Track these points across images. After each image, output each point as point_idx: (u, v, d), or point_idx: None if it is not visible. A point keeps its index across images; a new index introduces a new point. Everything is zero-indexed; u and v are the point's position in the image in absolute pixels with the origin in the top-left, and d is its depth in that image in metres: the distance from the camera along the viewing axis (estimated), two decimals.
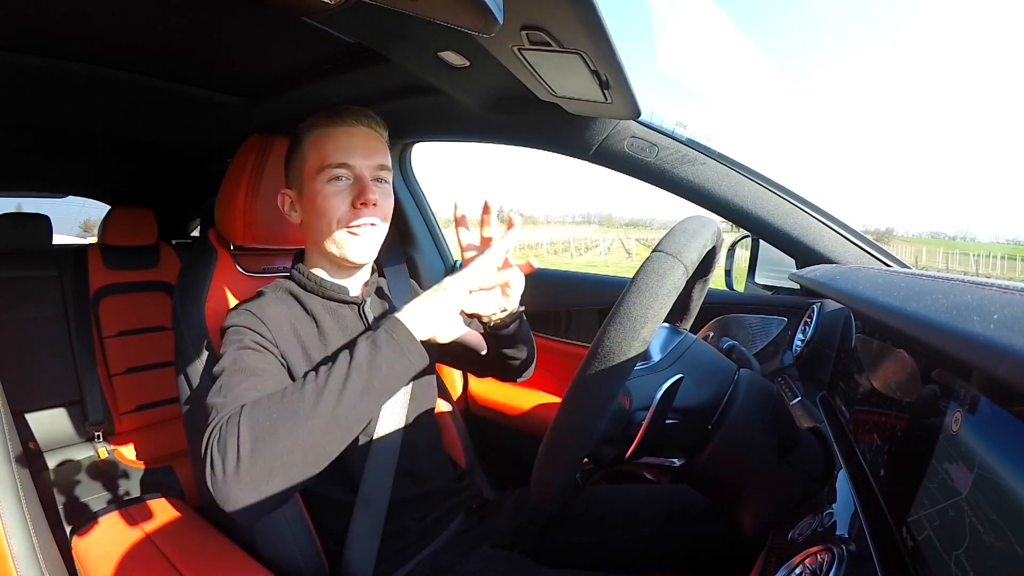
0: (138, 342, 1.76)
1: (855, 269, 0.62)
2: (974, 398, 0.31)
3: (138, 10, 0.74)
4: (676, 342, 0.57)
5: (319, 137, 0.73)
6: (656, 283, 0.43)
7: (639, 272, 0.46)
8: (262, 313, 0.70)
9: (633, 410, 0.51)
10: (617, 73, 0.67)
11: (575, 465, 0.45)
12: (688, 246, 0.47)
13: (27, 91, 1.04)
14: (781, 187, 0.92)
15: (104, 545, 0.77)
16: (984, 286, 0.32)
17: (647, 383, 0.52)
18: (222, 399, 0.58)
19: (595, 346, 0.43)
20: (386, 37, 0.70)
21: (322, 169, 0.71)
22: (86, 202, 2.17)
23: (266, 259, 0.96)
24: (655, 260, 0.45)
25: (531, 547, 0.82)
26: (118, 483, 1.50)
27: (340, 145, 0.72)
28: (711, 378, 0.55)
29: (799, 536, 0.47)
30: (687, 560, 0.76)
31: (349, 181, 0.73)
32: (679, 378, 0.50)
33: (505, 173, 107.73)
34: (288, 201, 0.77)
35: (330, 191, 0.72)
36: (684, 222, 0.51)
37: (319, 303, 0.77)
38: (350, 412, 0.55)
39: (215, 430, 0.55)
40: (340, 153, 0.72)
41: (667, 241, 0.47)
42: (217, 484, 0.52)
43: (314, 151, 0.73)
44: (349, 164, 0.72)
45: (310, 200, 0.73)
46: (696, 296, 0.69)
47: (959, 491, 0.30)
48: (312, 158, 0.73)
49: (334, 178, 0.72)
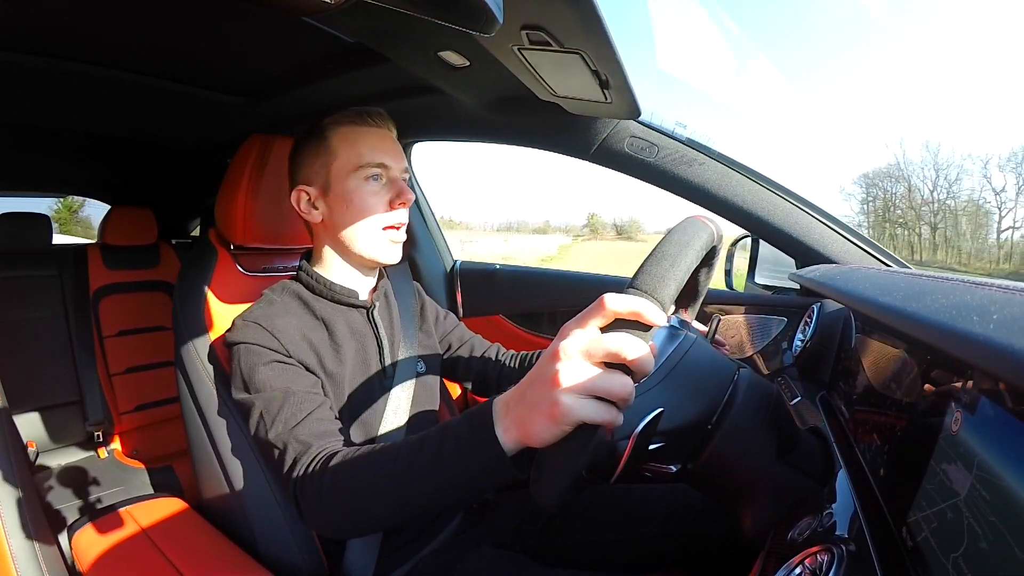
0: (138, 342, 1.76)
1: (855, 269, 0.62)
2: (974, 398, 0.31)
3: (138, 10, 0.74)
4: (671, 351, 0.55)
5: (349, 135, 0.73)
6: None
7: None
8: (272, 326, 0.69)
9: (616, 439, 0.50)
10: (617, 73, 0.67)
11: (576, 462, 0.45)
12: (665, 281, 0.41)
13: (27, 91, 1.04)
14: (781, 187, 0.92)
15: (104, 545, 0.77)
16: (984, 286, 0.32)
17: (631, 409, 0.50)
18: (280, 436, 0.62)
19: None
20: (386, 37, 0.70)
21: (359, 168, 0.72)
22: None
23: (266, 259, 0.96)
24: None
25: (531, 547, 0.82)
26: (118, 483, 1.49)
27: (375, 146, 0.73)
28: (705, 389, 0.54)
29: (799, 536, 0.47)
30: (687, 560, 0.76)
31: (383, 181, 0.74)
32: (658, 413, 0.48)
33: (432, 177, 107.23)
34: (306, 198, 0.75)
35: (369, 189, 0.73)
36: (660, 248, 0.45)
37: (328, 306, 0.76)
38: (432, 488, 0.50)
39: (299, 480, 0.58)
40: (376, 153, 0.73)
41: (641, 276, 0.41)
42: (309, 520, 0.59)
43: (346, 149, 0.73)
44: (386, 165, 0.73)
45: (342, 198, 0.73)
46: (703, 281, 0.67)
47: (959, 491, 0.30)
48: (344, 156, 0.72)
49: (372, 177, 0.73)
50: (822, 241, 0.89)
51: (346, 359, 0.74)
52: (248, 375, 0.67)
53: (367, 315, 0.79)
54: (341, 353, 0.74)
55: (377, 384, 0.77)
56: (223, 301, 0.85)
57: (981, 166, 38.40)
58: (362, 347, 0.77)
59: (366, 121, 0.74)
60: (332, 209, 0.74)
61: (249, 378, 0.66)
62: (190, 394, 0.81)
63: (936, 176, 37.75)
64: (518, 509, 0.86)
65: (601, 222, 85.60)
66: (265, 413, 0.64)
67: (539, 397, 0.39)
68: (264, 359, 0.67)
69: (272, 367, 0.67)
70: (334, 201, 0.74)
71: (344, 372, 0.73)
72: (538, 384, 0.39)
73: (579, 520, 0.82)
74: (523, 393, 0.41)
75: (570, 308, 1.34)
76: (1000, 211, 34.68)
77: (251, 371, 0.67)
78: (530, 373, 0.41)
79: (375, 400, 0.76)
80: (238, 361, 0.68)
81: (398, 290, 0.90)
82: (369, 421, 0.75)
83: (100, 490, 1.45)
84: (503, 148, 1.35)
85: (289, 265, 0.98)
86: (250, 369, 0.67)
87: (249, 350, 0.68)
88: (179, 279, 0.88)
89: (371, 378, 0.77)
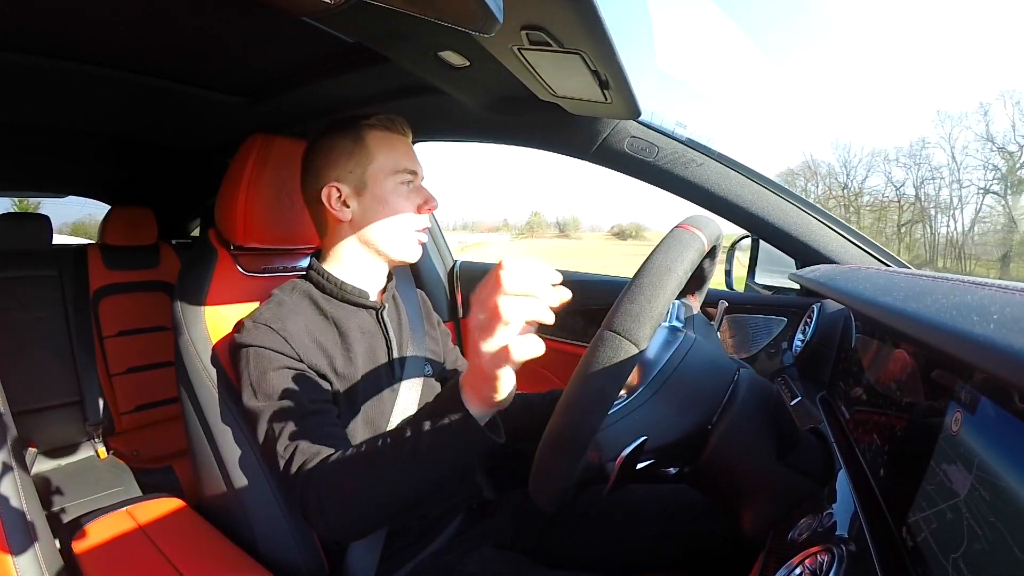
0: (138, 342, 1.76)
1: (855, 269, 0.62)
2: (974, 398, 0.31)
3: (138, 9, 0.74)
4: (666, 359, 0.53)
5: (386, 140, 0.76)
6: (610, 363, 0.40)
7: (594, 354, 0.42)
8: (282, 328, 0.69)
9: (604, 462, 0.50)
10: (617, 73, 0.67)
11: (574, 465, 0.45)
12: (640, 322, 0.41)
13: (27, 91, 1.04)
14: (781, 187, 0.92)
15: (104, 545, 0.77)
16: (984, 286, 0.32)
17: (618, 433, 0.50)
18: (288, 446, 0.63)
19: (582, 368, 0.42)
20: (386, 37, 0.70)
21: (397, 172, 0.76)
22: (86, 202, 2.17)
23: (266, 259, 0.96)
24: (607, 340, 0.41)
25: (531, 547, 0.82)
26: (118, 483, 1.49)
27: (408, 153, 0.78)
28: (699, 398, 0.53)
29: (799, 536, 0.47)
30: (687, 560, 0.76)
31: (413, 187, 0.78)
32: (641, 442, 0.48)
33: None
34: (337, 195, 0.76)
35: (404, 192, 0.77)
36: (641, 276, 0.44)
37: (339, 306, 0.77)
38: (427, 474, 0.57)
39: (304, 490, 0.61)
40: (410, 160, 0.77)
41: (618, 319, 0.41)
42: (318, 530, 0.67)
43: (384, 152, 0.76)
44: (416, 172, 0.78)
45: (378, 198, 0.75)
46: (707, 267, 0.65)
47: (959, 491, 0.30)
48: (382, 158, 0.75)
49: (405, 182, 0.77)
50: (822, 241, 0.89)
51: (356, 359, 0.74)
52: (257, 381, 0.67)
53: (377, 316, 0.80)
54: (352, 353, 0.74)
55: (386, 384, 0.78)
56: (223, 301, 0.85)
57: (882, 160, 39.89)
58: (372, 348, 0.78)
59: (397, 128, 0.78)
60: (366, 208, 0.76)
61: (258, 384, 0.67)
62: (190, 394, 0.81)
63: (846, 174, 39.17)
64: (518, 509, 0.86)
65: (543, 221, 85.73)
66: (274, 421, 0.65)
67: (487, 343, 0.46)
68: (274, 364, 0.67)
69: (282, 373, 0.67)
70: (370, 201, 0.76)
71: (355, 372, 0.74)
72: (482, 334, 0.46)
73: (579, 520, 0.82)
74: (474, 355, 0.48)
75: (569, 308, 1.34)
76: (900, 205, 35.82)
77: (261, 377, 0.67)
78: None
79: (384, 400, 0.77)
80: (247, 365, 0.68)
81: (404, 293, 0.90)
82: (378, 421, 0.76)
83: (100, 490, 1.45)
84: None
85: (289, 265, 0.98)
86: (260, 375, 0.67)
87: (259, 354, 0.68)
88: (179, 279, 0.88)
89: (380, 378, 0.77)
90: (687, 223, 0.49)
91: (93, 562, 0.74)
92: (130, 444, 1.67)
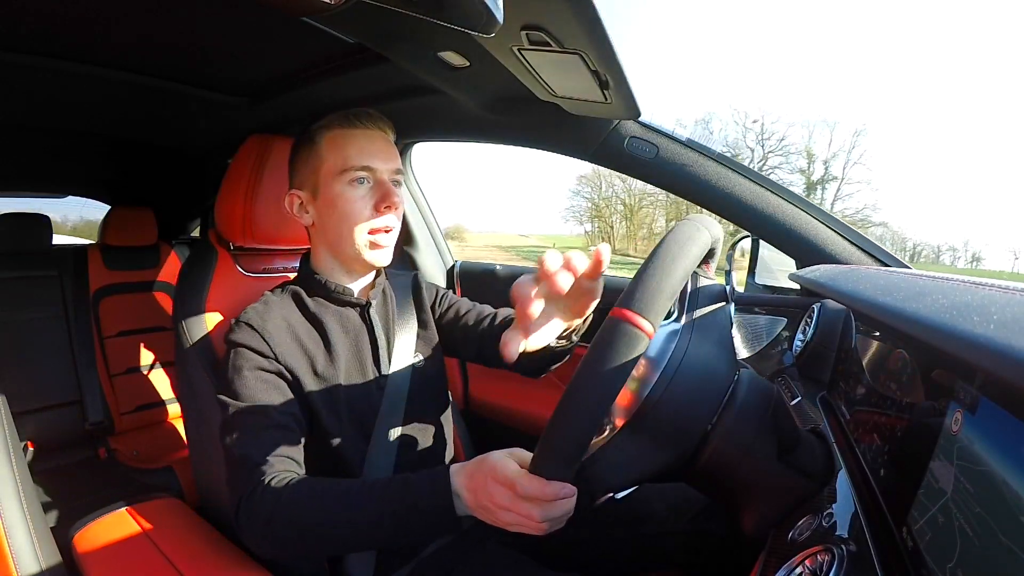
0: (138, 342, 1.76)
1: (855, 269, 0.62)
2: (974, 398, 0.31)
3: (138, 10, 0.74)
4: (661, 368, 0.51)
5: (337, 139, 0.72)
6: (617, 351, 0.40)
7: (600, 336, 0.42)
8: (262, 327, 0.70)
9: (593, 496, 0.53)
10: (617, 73, 0.67)
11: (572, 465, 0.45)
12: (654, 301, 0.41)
13: (27, 91, 1.04)
14: (781, 187, 0.92)
15: (104, 545, 0.77)
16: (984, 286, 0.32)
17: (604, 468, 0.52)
18: (241, 449, 0.63)
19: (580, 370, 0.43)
20: (386, 37, 0.70)
21: (344, 171, 0.71)
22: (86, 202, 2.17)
23: (266, 259, 0.96)
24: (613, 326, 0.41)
25: (531, 546, 0.82)
26: (118, 483, 1.49)
27: (362, 148, 0.72)
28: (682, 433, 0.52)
29: (799, 536, 0.47)
30: (687, 560, 0.76)
31: (370, 184, 0.73)
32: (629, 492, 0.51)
33: None
34: (298, 202, 0.76)
35: (353, 194, 0.72)
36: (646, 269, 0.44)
37: (324, 306, 0.77)
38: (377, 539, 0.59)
39: (245, 500, 0.59)
40: (363, 156, 0.72)
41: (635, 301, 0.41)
42: (246, 537, 0.60)
43: (333, 153, 0.72)
44: (371, 168, 0.72)
45: (329, 202, 0.73)
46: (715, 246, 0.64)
47: (959, 491, 0.30)
48: (331, 160, 0.72)
49: (356, 180, 0.72)
50: (822, 241, 0.89)
51: (339, 359, 0.74)
52: (231, 378, 0.68)
53: (363, 312, 0.79)
54: (333, 352, 0.74)
55: (373, 382, 0.77)
56: (223, 302, 0.85)
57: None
58: (356, 346, 0.77)
59: (354, 123, 0.73)
60: (320, 213, 0.74)
61: (231, 381, 0.67)
62: (190, 395, 0.81)
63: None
64: None
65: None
66: (234, 422, 0.65)
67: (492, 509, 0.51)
68: (249, 364, 0.68)
69: (255, 375, 0.67)
70: (322, 206, 0.74)
71: (337, 372, 0.73)
72: (491, 497, 0.51)
73: (579, 520, 0.82)
74: (479, 490, 0.52)
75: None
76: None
77: (234, 375, 0.67)
78: (484, 475, 0.52)
79: (371, 399, 0.76)
80: (229, 361, 0.69)
81: (396, 285, 0.88)
82: (365, 420, 0.75)
83: (100, 490, 1.45)
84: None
85: (289, 266, 0.98)
86: (234, 372, 0.68)
87: (238, 353, 0.69)
88: (179, 280, 0.88)
89: (366, 376, 0.77)
90: (691, 218, 0.49)
91: (93, 562, 0.74)
92: (130, 444, 1.67)
